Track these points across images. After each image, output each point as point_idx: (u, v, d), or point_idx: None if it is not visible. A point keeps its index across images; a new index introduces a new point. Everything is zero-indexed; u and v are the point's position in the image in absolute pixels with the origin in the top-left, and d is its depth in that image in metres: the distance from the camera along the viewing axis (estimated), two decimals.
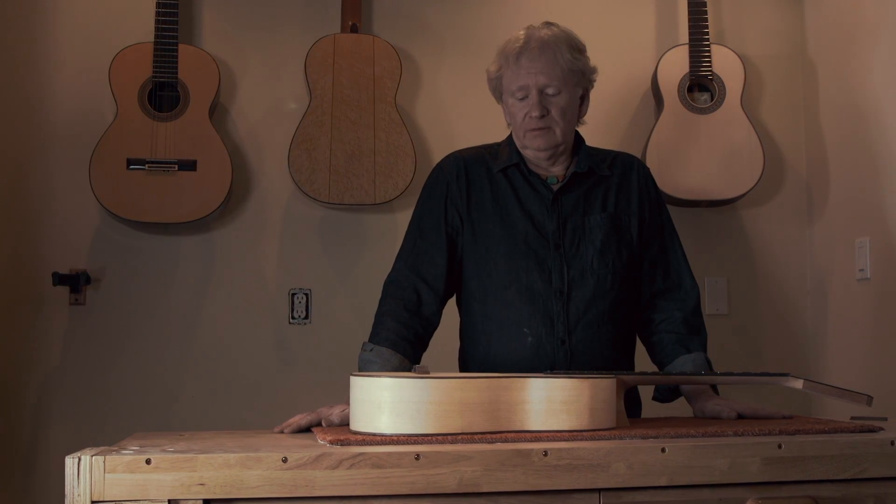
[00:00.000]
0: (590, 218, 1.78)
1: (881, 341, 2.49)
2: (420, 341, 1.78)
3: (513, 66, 1.76)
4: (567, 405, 1.33)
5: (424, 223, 1.83)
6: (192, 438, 1.39)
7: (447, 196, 1.82)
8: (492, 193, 1.80)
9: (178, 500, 1.13)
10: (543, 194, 1.79)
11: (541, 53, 1.74)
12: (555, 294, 1.74)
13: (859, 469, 1.26)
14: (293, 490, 1.14)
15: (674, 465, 1.21)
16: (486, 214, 1.79)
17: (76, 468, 1.13)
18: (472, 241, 1.79)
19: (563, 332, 1.73)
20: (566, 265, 1.75)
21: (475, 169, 1.82)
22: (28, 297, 2.54)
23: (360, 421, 1.33)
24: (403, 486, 1.16)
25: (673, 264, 1.84)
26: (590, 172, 1.81)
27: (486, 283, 1.78)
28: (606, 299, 1.75)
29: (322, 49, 2.58)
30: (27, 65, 2.59)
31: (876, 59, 2.51)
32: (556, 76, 1.73)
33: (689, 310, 1.81)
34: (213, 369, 2.61)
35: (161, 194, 2.45)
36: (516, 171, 1.81)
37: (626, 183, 1.83)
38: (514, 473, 1.18)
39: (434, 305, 1.79)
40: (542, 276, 1.74)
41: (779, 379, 1.49)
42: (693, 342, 1.78)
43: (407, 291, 1.78)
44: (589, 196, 1.80)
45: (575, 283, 1.74)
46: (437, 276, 1.79)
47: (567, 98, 1.76)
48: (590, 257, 1.75)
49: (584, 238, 1.76)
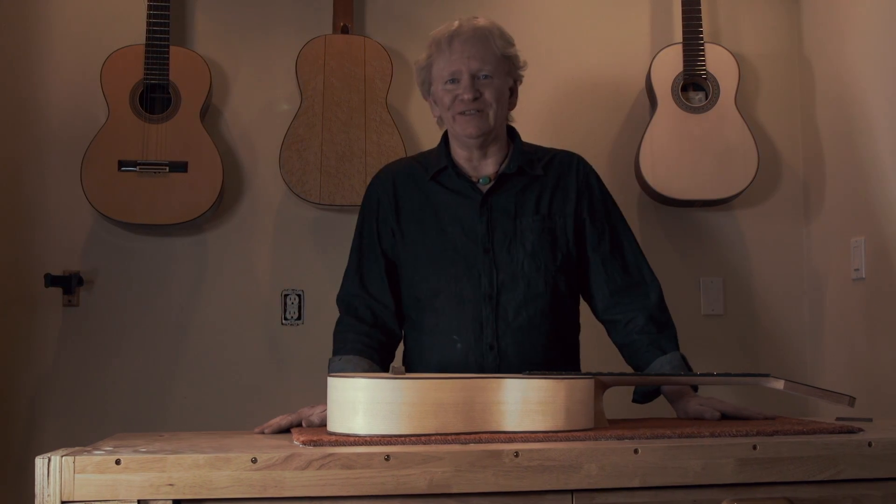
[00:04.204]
0: (521, 220, 1.75)
1: (876, 341, 2.48)
2: (385, 349, 1.78)
3: (445, 51, 1.74)
4: (543, 406, 1.33)
5: (363, 241, 1.84)
6: (171, 439, 1.39)
7: (377, 213, 1.82)
8: (421, 202, 1.79)
9: (147, 501, 1.13)
10: (473, 198, 1.76)
11: (473, 38, 1.73)
12: (484, 299, 1.72)
13: (836, 470, 1.25)
14: (263, 490, 1.14)
15: (647, 466, 1.20)
16: (415, 224, 1.78)
17: (46, 468, 1.13)
18: (405, 253, 1.79)
19: (491, 338, 1.71)
20: (496, 269, 1.73)
21: (404, 180, 1.82)
22: (21, 298, 2.55)
23: (336, 422, 1.33)
24: (373, 486, 1.16)
25: (629, 259, 1.80)
26: (520, 172, 1.78)
27: (418, 292, 1.78)
28: (538, 303, 1.72)
29: (313, 50, 2.58)
30: (19, 67, 2.60)
31: (872, 57, 2.49)
32: (488, 60, 1.72)
33: (654, 305, 1.77)
34: (205, 370, 2.61)
35: (152, 196, 2.45)
36: (446, 176, 1.79)
37: (563, 183, 1.79)
38: (485, 474, 1.17)
39: (390, 318, 1.79)
40: (471, 281, 1.73)
41: (759, 379, 1.48)
42: (666, 341, 1.75)
43: (360, 309, 1.79)
44: (521, 197, 1.77)
45: (505, 286, 1.72)
46: (383, 291, 1.79)
47: (499, 84, 1.74)
48: (520, 261, 1.73)
49: (514, 241, 1.74)
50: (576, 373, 1.47)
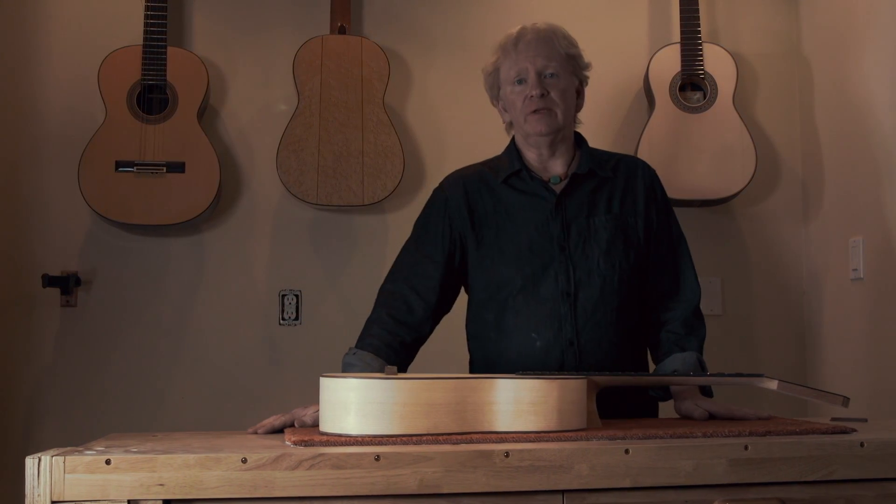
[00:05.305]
0: (595, 219, 1.78)
1: (875, 341, 2.47)
2: (406, 349, 1.78)
3: (511, 53, 1.79)
4: (535, 406, 1.32)
5: (421, 237, 1.85)
6: (164, 439, 1.39)
7: (446, 212, 1.83)
8: (494, 205, 1.81)
9: (137, 501, 1.13)
10: (547, 198, 1.79)
11: (538, 39, 1.78)
12: (562, 296, 1.74)
13: (828, 471, 1.24)
14: (252, 490, 1.14)
15: (637, 466, 1.20)
16: (489, 226, 1.80)
17: (36, 468, 1.14)
18: (477, 254, 1.81)
19: (571, 334, 1.73)
20: (572, 267, 1.75)
21: (474, 184, 1.84)
22: (19, 299, 2.56)
23: (328, 422, 1.33)
24: (363, 486, 1.16)
25: (681, 266, 1.84)
26: (591, 174, 1.81)
27: (494, 292, 1.79)
28: (613, 300, 1.75)
29: (310, 50, 2.58)
30: (17, 67, 2.61)
31: (871, 57, 2.49)
32: (554, 59, 1.76)
33: (691, 310, 1.81)
34: (203, 370, 2.61)
35: (150, 196, 2.45)
36: (518, 178, 1.82)
37: (632, 185, 1.83)
38: (476, 475, 1.17)
39: (423, 316, 1.79)
40: (547, 279, 1.75)
41: (753, 380, 1.48)
42: (689, 342, 1.78)
43: (396, 301, 1.79)
44: (593, 198, 1.80)
45: (581, 284, 1.74)
46: (428, 288, 1.80)
47: (565, 82, 1.78)
48: (595, 258, 1.75)
49: (589, 239, 1.76)
50: (568, 373, 1.47)
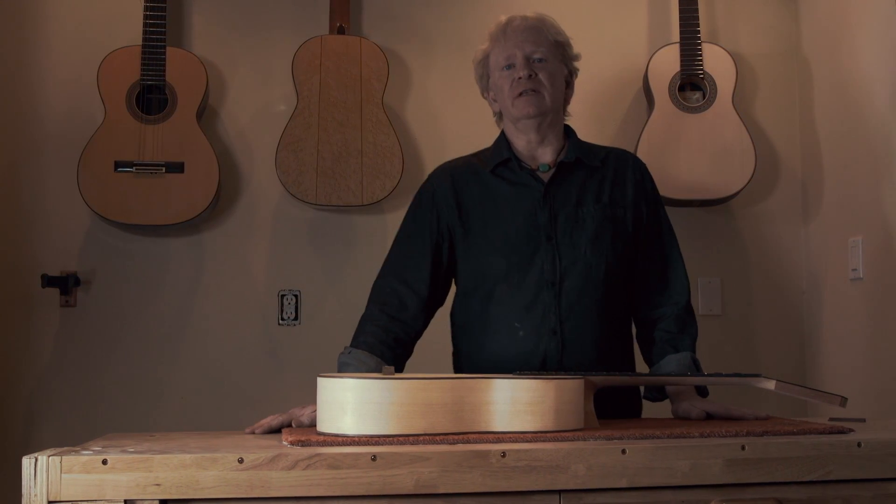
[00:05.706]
0: (583, 209, 1.78)
1: (874, 341, 2.47)
2: (400, 345, 1.78)
3: (500, 40, 1.80)
4: (532, 406, 1.32)
5: (410, 230, 1.85)
6: (161, 439, 1.39)
7: (434, 204, 1.83)
8: (481, 195, 1.81)
9: (134, 501, 1.13)
10: (535, 187, 1.79)
11: (526, 27, 1.80)
12: (547, 285, 1.74)
13: (825, 471, 1.24)
14: (249, 490, 1.14)
15: (634, 466, 1.20)
16: (476, 216, 1.80)
17: (33, 468, 1.14)
18: (464, 244, 1.80)
19: (554, 323, 1.72)
20: (559, 256, 1.75)
21: (462, 175, 1.84)
22: (18, 299, 2.56)
23: (325, 422, 1.33)
24: (360, 486, 1.16)
25: (671, 260, 1.84)
26: (578, 163, 1.81)
27: (479, 282, 1.79)
28: (598, 290, 1.75)
29: (309, 50, 2.58)
30: (16, 68, 2.61)
31: (871, 57, 2.48)
32: (542, 44, 1.78)
33: (682, 307, 1.81)
34: (202, 370, 2.61)
35: (149, 196, 2.45)
36: (506, 168, 1.82)
37: (622, 177, 1.83)
38: (472, 475, 1.17)
39: (416, 310, 1.79)
40: (533, 268, 1.74)
41: (751, 380, 1.47)
42: (682, 341, 1.78)
43: (389, 296, 1.79)
44: (582, 188, 1.80)
45: (567, 272, 1.74)
46: (420, 281, 1.80)
47: (554, 67, 1.79)
48: (582, 247, 1.75)
49: (576, 229, 1.76)
50: (565, 373, 1.47)
